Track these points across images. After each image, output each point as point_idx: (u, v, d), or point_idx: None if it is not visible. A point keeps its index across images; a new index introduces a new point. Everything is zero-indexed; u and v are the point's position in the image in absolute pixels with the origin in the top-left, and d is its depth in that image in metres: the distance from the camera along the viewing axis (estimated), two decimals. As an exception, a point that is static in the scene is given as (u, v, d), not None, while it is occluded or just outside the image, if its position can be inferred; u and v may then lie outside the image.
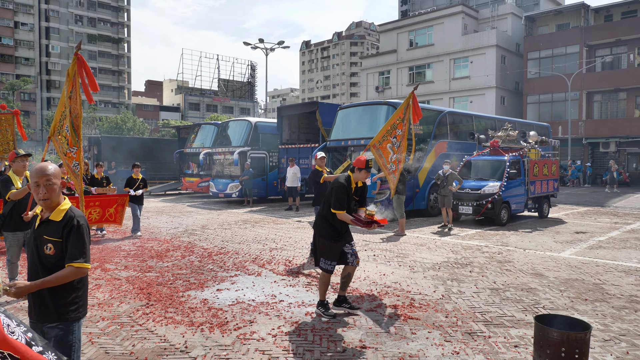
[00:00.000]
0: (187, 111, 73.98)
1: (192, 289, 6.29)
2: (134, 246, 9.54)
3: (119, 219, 10.71)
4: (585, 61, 32.74)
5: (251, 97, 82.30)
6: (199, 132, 23.28)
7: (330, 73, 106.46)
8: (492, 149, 13.95)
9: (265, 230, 11.72)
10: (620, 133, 31.56)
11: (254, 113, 78.21)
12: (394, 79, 40.76)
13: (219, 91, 79.25)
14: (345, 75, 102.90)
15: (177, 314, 5.29)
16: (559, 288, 6.45)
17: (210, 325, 4.92)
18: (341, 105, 15.88)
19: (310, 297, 5.94)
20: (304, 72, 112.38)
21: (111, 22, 73.04)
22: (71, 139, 6.25)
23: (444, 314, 5.33)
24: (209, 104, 76.30)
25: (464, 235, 11.12)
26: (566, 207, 17.74)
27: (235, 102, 78.39)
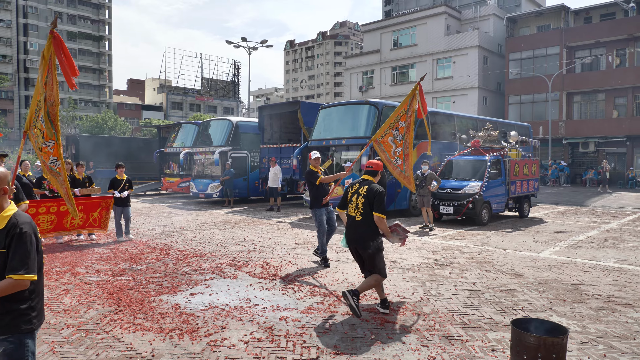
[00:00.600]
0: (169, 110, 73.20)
1: (165, 294, 6.09)
2: (108, 249, 9.28)
3: (103, 223, 10.25)
4: (565, 62, 33.15)
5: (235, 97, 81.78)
6: (180, 132, 22.98)
7: (314, 73, 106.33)
8: (474, 149, 13.96)
9: (244, 232, 11.54)
10: (599, 133, 32.03)
11: (237, 112, 77.73)
12: (378, 78, 40.79)
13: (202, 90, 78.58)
14: (329, 75, 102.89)
15: (146, 320, 5.10)
16: (537, 289, 6.41)
17: (180, 332, 4.74)
18: (322, 104, 15.76)
19: (286, 301, 5.80)
20: (288, 71, 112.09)
21: (92, 19, 71.89)
22: (47, 131, 5.84)
23: (421, 317, 5.23)
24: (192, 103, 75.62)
25: (444, 235, 11.08)
26: (546, 207, 17.88)
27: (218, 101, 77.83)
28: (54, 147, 6.05)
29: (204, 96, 76.63)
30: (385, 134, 7.25)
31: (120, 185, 10.31)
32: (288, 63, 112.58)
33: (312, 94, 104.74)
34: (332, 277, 7.06)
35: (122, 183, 10.34)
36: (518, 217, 14.44)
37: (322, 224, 7.98)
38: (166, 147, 23.31)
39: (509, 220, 13.81)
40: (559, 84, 32.98)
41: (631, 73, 30.85)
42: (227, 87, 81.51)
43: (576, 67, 33.70)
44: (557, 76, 32.54)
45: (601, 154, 33.02)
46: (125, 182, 10.40)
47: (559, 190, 26.88)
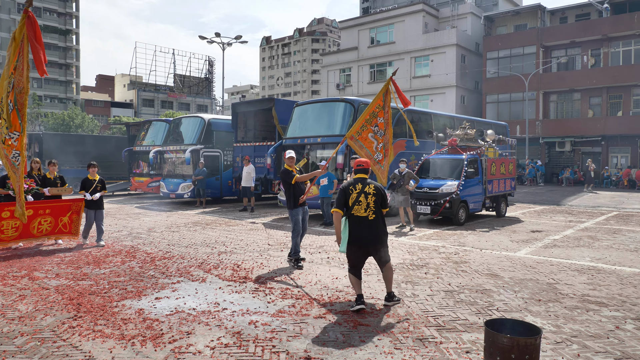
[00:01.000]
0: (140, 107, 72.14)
1: (128, 298, 5.93)
2: (70, 252, 9.01)
3: (74, 229, 9.74)
4: (542, 61, 33.82)
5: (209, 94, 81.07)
6: (150, 129, 22.64)
7: (291, 70, 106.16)
8: (451, 148, 14.08)
9: (215, 233, 11.39)
10: (575, 133, 32.78)
11: (211, 110, 77.09)
12: (355, 76, 40.92)
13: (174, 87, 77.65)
14: (306, 72, 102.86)
15: (107, 326, 4.94)
16: (513, 289, 6.46)
17: (143, 338, 4.60)
18: (297, 102, 15.68)
19: (256, 305, 5.70)
20: (264, 68, 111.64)
21: (58, 12, 70.22)
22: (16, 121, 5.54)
23: (395, 319, 5.20)
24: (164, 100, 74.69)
25: (421, 235, 11.12)
26: (523, 206, 18.17)
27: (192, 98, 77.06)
28: (18, 140, 5.77)
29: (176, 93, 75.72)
30: (361, 130, 7.23)
31: (92, 187, 9.73)
32: (264, 60, 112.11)
33: (289, 92, 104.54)
34: (305, 279, 7.00)
35: (94, 184, 9.76)
36: (495, 217, 14.62)
37: (298, 223, 7.98)
38: (135, 146, 22.92)
39: (486, 220, 13.96)
40: (535, 83, 33.63)
41: (605, 73, 31.66)
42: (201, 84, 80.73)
43: (552, 66, 34.42)
44: (534, 75, 33.18)
45: (577, 153, 33.80)
46: (98, 183, 9.83)
47: (536, 190, 27.39)
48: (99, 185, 9.86)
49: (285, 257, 8.49)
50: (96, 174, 9.90)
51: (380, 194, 5.59)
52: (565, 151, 34.24)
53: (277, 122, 16.37)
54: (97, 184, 9.83)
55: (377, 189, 5.59)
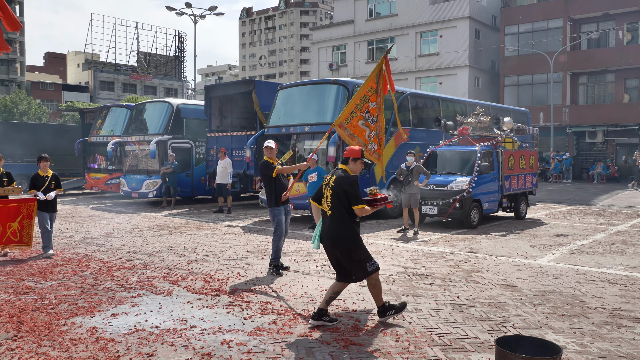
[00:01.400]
0: (98, 91, 71.80)
1: (80, 315, 5.91)
2: (11, 261, 8.95)
3: (26, 237, 9.36)
4: (569, 37, 34.01)
5: (179, 75, 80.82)
6: (108, 117, 22.54)
7: (276, 47, 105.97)
8: (461, 138, 14.13)
9: (185, 238, 11.38)
10: (608, 121, 33.02)
11: (182, 94, 76.85)
12: (351, 54, 40.95)
13: (138, 67, 77.30)
14: (293, 50, 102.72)
15: (53, 347, 4.92)
16: (532, 302, 6.51)
17: (95, 362, 4.58)
18: (282, 84, 15.66)
19: (230, 321, 5.70)
20: (245, 45, 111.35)
21: (-2, -23, 69.54)
22: None
23: (394, 338, 5.22)
24: (126, 83, 74.38)
25: (426, 240, 11.16)
26: (547, 206, 18.30)
27: (159, 80, 76.82)
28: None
29: (140, 74, 75.36)
30: (351, 117, 7.25)
31: (44, 184, 9.46)
32: (244, 35, 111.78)
33: (273, 73, 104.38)
34: (289, 291, 7.00)
35: (46, 181, 9.50)
36: (513, 219, 14.71)
37: (280, 224, 8.06)
38: (91, 136, 22.78)
39: (502, 222, 14.05)
40: (562, 63, 33.83)
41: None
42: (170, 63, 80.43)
43: (582, 43, 34.64)
44: (560, 53, 33.36)
45: (610, 145, 34.08)
46: (51, 180, 9.58)
47: (562, 187, 27.60)
48: (53, 183, 9.62)
49: (267, 265, 8.50)
50: (48, 169, 9.68)
51: (338, 186, 5.52)
52: (596, 142, 34.51)
53: (258, 108, 16.34)
54: (51, 180, 9.59)
55: (337, 181, 5.56)
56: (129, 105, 22.53)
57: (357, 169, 5.69)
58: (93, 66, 73.93)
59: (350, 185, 5.50)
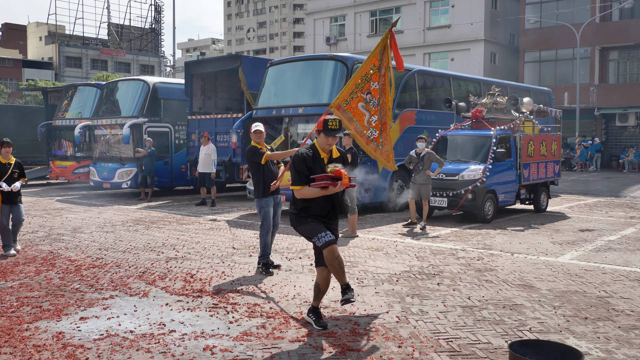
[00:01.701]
0: (63, 68, 71.39)
1: (44, 319, 5.96)
2: (-33, 259, 9.00)
3: None
4: (598, 7, 33.98)
5: (156, 50, 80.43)
6: (75, 97, 22.50)
7: (266, 19, 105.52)
8: (475, 121, 14.17)
9: (163, 234, 11.43)
10: (642, 102, 33.05)
11: (160, 72, 76.61)
12: (351, 27, 40.85)
13: (109, 41, 76.84)
14: (286, 21, 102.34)
15: (14, 355, 4.96)
16: (552, 304, 6.58)
17: (62, 370, 4.63)
18: (272, 60, 15.64)
19: (214, 325, 5.76)
20: (230, 16, 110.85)
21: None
22: None
23: (396, 343, 5.29)
24: (95, 59, 73.96)
25: (434, 235, 11.23)
26: (571, 198, 18.40)
27: (133, 56, 76.42)
28: None
29: (111, 49, 74.95)
30: (351, 98, 7.27)
31: (6, 173, 9.37)
32: (229, 5, 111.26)
33: (263, 48, 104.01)
34: (280, 291, 7.06)
35: (9, 169, 9.41)
36: (532, 212, 14.80)
37: (268, 217, 8.10)
38: (56, 119, 22.72)
39: (520, 216, 14.13)
40: (590, 37, 33.82)
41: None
42: (145, 37, 80.00)
43: (613, 13, 34.62)
44: (588, 26, 33.34)
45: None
46: (14, 168, 9.49)
47: (588, 177, 27.71)
48: (17, 171, 9.55)
49: (255, 264, 8.56)
50: (11, 156, 9.59)
51: None
52: (628, 126, 34.60)
53: (245, 88, 16.33)
54: (14, 169, 9.51)
55: None
56: (98, 84, 22.46)
57: (324, 142, 5.57)
58: (57, 40, 73.44)
59: (292, 160, 5.61)
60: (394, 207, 14.71)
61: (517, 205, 14.90)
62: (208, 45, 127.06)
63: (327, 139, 5.52)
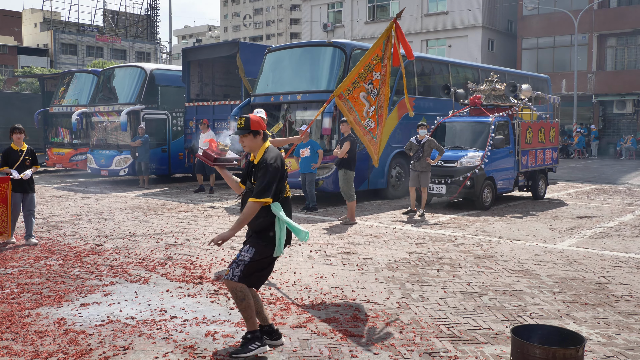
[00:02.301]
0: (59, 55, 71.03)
1: (45, 305, 5.98)
2: (-34, 246, 8.99)
3: (4, 225, 9.00)
4: (596, -6, 33.89)
5: (152, 37, 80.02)
6: (71, 84, 22.42)
7: (263, 5, 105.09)
8: (473, 108, 14.16)
9: (162, 221, 11.44)
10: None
11: (156, 59, 76.28)
12: (348, 14, 40.67)
13: (105, 27, 76.44)
14: (283, 8, 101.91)
15: (16, 341, 4.98)
16: (551, 290, 6.61)
17: (65, 356, 4.65)
18: (270, 47, 15.58)
19: (215, 311, 5.78)
20: (227, 3, 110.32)
21: None
22: None
23: (397, 329, 5.31)
24: (91, 46, 73.58)
25: (433, 222, 11.26)
26: (569, 185, 18.44)
27: (129, 43, 76.02)
28: None
29: (107, 36, 74.57)
30: (353, 87, 7.24)
31: (18, 160, 9.13)
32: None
33: (260, 35, 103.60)
34: (281, 278, 7.09)
35: (20, 157, 9.17)
36: (531, 199, 14.84)
37: None
38: (52, 106, 22.65)
39: (518, 203, 14.17)
40: (588, 23, 33.75)
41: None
42: (141, 23, 79.56)
43: (611, 0, 34.48)
44: (586, 12, 33.26)
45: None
46: (26, 155, 9.23)
47: (586, 164, 27.76)
48: (29, 159, 9.31)
49: (255, 251, 8.57)
50: (23, 143, 9.33)
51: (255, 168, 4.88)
52: (625, 113, 34.61)
53: (243, 74, 16.28)
54: (26, 156, 9.28)
55: None
56: (95, 70, 22.37)
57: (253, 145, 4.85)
58: (53, 26, 73.04)
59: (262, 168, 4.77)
60: (393, 194, 14.73)
61: (516, 192, 14.95)
62: (204, 32, 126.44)
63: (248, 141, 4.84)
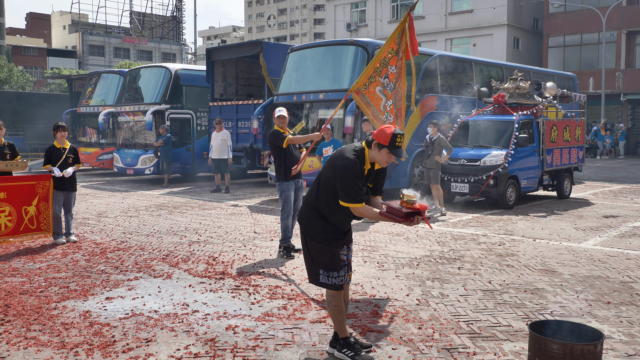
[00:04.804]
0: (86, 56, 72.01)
1: (71, 298, 6.12)
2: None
3: (43, 223, 8.97)
4: (625, -10, 33.40)
5: (177, 38, 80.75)
6: (98, 84, 22.73)
7: (287, 5, 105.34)
8: (497, 106, 14.07)
9: (186, 218, 11.58)
10: (670, 87, 32.53)
11: (181, 59, 76.92)
12: (372, 13, 40.63)
13: (131, 29, 77.35)
14: (307, 8, 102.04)
15: (43, 332, 5.11)
16: (574, 288, 6.57)
17: (89, 347, 4.76)
18: (293, 46, 15.66)
19: (236, 306, 5.85)
20: (251, 3, 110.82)
21: None
22: None
23: (416, 325, 5.33)
24: (117, 47, 74.47)
25: (456, 221, 11.23)
26: (595, 185, 18.22)
27: (155, 44, 76.81)
28: None
29: (134, 37, 75.44)
30: (369, 82, 7.27)
31: (61, 158, 9.07)
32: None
33: (284, 35, 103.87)
34: (301, 274, 7.13)
35: (63, 155, 9.09)
36: (555, 198, 14.69)
37: (289, 201, 8.18)
38: (80, 106, 23.00)
39: (543, 202, 14.05)
40: (616, 20, 33.27)
41: None
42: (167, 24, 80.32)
43: (640, -4, 33.98)
44: (615, 9, 32.78)
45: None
46: (69, 153, 9.15)
47: (614, 164, 27.36)
48: (71, 157, 9.21)
49: (276, 247, 8.64)
50: (66, 141, 9.27)
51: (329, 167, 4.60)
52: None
53: (266, 74, 16.37)
54: (68, 154, 9.18)
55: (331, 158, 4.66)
56: (122, 71, 22.66)
57: (380, 158, 4.46)
58: (81, 28, 74.08)
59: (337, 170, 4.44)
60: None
61: (540, 191, 14.80)
62: (229, 33, 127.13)
63: (389, 157, 4.44)
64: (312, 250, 4.60)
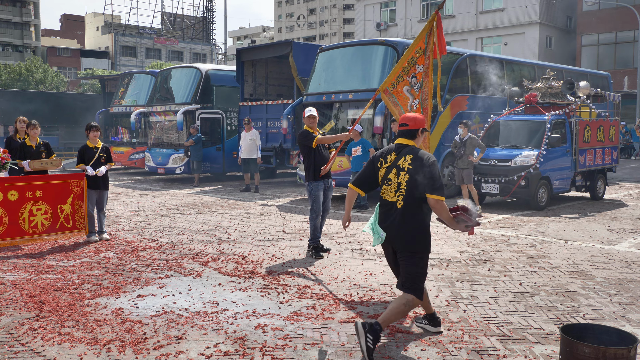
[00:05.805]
0: (119, 57, 73.17)
1: (104, 295, 6.21)
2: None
3: (79, 221, 9.14)
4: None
5: (207, 39, 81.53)
6: (131, 85, 23.04)
7: (316, 5, 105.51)
8: (529, 106, 13.91)
9: (216, 217, 11.67)
10: None
11: (212, 59, 77.63)
12: (402, 12, 40.50)
13: (162, 30, 78.38)
14: (336, 8, 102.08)
15: (77, 328, 5.20)
16: (607, 291, 6.47)
17: (121, 344, 4.84)
18: (322, 46, 15.69)
19: (265, 305, 5.89)
20: (281, 4, 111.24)
21: None
22: None
23: (446, 326, 5.31)
24: (149, 48, 75.52)
25: (486, 222, 11.14)
26: (630, 186, 17.89)
27: (185, 44, 77.69)
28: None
29: (165, 38, 76.40)
30: (397, 82, 7.25)
31: (94, 157, 9.20)
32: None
33: (313, 35, 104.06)
34: (330, 274, 7.15)
35: (95, 154, 9.22)
36: (588, 199, 14.47)
37: (318, 201, 8.19)
38: (112, 106, 23.36)
39: (575, 203, 13.85)
40: (651, 19, 32.67)
41: None
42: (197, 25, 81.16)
43: (677, -6, 33.29)
44: (650, 7, 32.18)
45: None
46: (101, 153, 9.28)
47: (648, 165, 26.83)
48: (104, 156, 9.35)
49: (305, 247, 8.67)
50: (98, 140, 9.42)
51: (418, 169, 4.69)
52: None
53: (295, 74, 16.43)
54: (101, 153, 9.31)
55: (415, 161, 4.73)
56: (153, 71, 22.95)
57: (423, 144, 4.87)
58: (113, 29, 75.29)
59: (432, 165, 4.70)
60: (445, 194, 14.62)
61: (573, 192, 14.60)
62: (259, 33, 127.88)
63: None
64: (420, 262, 4.81)
